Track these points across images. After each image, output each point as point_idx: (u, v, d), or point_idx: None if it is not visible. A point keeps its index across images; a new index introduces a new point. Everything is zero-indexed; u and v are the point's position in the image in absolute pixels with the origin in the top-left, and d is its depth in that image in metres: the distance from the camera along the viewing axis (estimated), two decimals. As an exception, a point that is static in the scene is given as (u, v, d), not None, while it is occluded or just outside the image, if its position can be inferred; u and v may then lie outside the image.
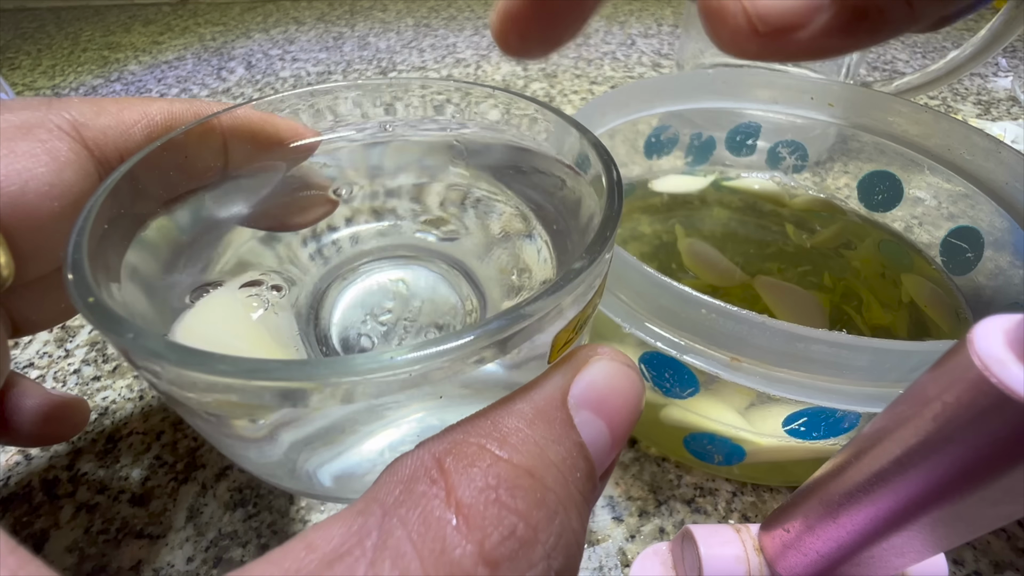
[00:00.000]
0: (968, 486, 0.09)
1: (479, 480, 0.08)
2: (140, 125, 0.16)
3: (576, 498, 0.09)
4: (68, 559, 0.18)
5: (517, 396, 0.10)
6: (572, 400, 0.10)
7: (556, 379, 0.10)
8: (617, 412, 0.10)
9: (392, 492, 0.08)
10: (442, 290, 0.18)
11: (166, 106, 0.16)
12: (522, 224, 0.18)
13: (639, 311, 0.17)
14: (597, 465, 0.10)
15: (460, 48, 0.59)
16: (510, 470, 0.08)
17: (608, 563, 0.18)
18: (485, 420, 0.09)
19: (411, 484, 0.08)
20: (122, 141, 0.15)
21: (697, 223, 0.27)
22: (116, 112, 0.15)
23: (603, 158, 0.14)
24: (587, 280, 0.11)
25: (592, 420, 0.10)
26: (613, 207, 0.12)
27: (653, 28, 0.64)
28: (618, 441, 0.10)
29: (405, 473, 0.08)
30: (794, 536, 0.13)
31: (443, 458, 0.08)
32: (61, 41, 0.66)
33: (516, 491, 0.08)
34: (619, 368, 0.10)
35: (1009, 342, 0.08)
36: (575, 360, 0.10)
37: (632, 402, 0.10)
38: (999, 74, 0.51)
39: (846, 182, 0.28)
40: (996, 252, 0.22)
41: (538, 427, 0.09)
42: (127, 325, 0.09)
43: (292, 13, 0.73)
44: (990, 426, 0.08)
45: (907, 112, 0.24)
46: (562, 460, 0.09)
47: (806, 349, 0.14)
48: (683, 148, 0.29)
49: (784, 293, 0.23)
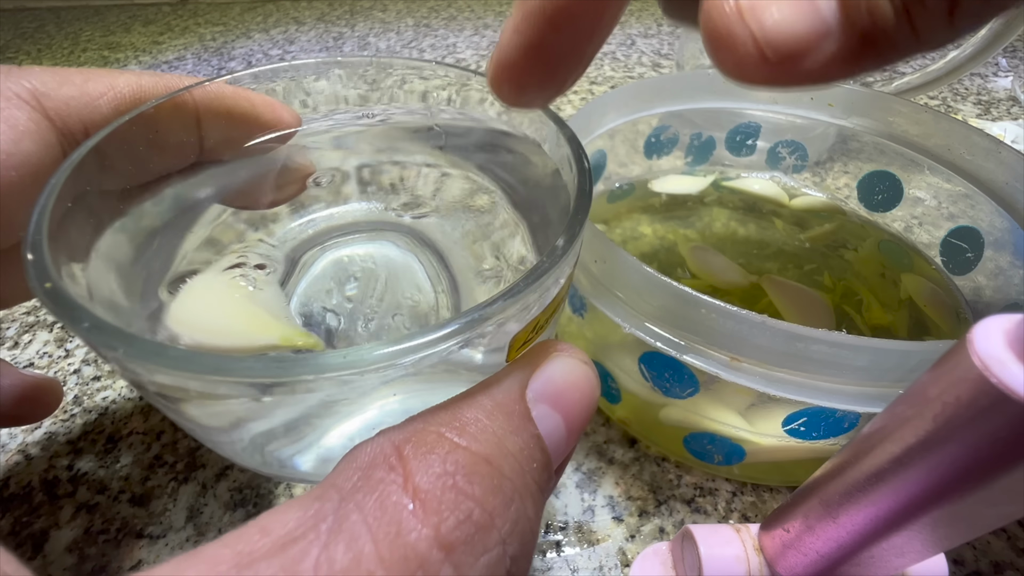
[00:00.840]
0: (968, 486, 0.09)
1: (437, 466, 0.08)
2: (107, 97, 0.15)
3: (532, 487, 0.09)
4: (68, 559, 0.18)
5: (477, 390, 0.10)
6: (530, 394, 0.10)
7: (516, 374, 0.10)
8: (573, 406, 0.10)
9: (350, 478, 0.08)
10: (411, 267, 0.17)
11: (134, 79, 0.16)
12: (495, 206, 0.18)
13: (639, 311, 0.17)
14: (553, 456, 0.10)
15: (460, 48, 0.59)
16: (468, 457, 0.08)
17: (608, 563, 0.18)
18: (445, 411, 0.09)
19: (369, 470, 0.08)
20: (87, 113, 0.15)
21: (697, 223, 0.27)
22: (81, 83, 0.15)
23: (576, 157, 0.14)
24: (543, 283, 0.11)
25: (549, 413, 0.10)
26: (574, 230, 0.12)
27: (653, 28, 0.64)
28: (573, 434, 0.10)
29: (364, 460, 0.08)
30: (794, 536, 0.13)
31: (402, 445, 0.08)
32: (61, 41, 0.66)
33: (473, 477, 0.08)
34: (576, 364, 0.11)
35: (1009, 342, 0.08)
36: (535, 356, 0.11)
37: (588, 397, 0.11)
38: (999, 74, 0.51)
39: (846, 182, 0.28)
40: (996, 252, 0.22)
41: (497, 418, 0.09)
42: (83, 314, 0.09)
43: (292, 13, 0.73)
44: (990, 426, 0.08)
45: (907, 112, 0.24)
46: (519, 450, 0.09)
47: (806, 349, 0.14)
48: (683, 148, 0.29)
49: (791, 292, 0.23)
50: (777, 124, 0.28)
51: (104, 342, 0.09)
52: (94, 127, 0.15)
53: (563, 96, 0.50)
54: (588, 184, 0.13)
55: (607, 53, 0.57)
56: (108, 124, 0.14)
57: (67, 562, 0.18)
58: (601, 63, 0.55)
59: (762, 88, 0.09)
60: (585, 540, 0.19)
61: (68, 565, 0.18)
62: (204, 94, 0.16)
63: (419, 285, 0.17)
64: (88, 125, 0.15)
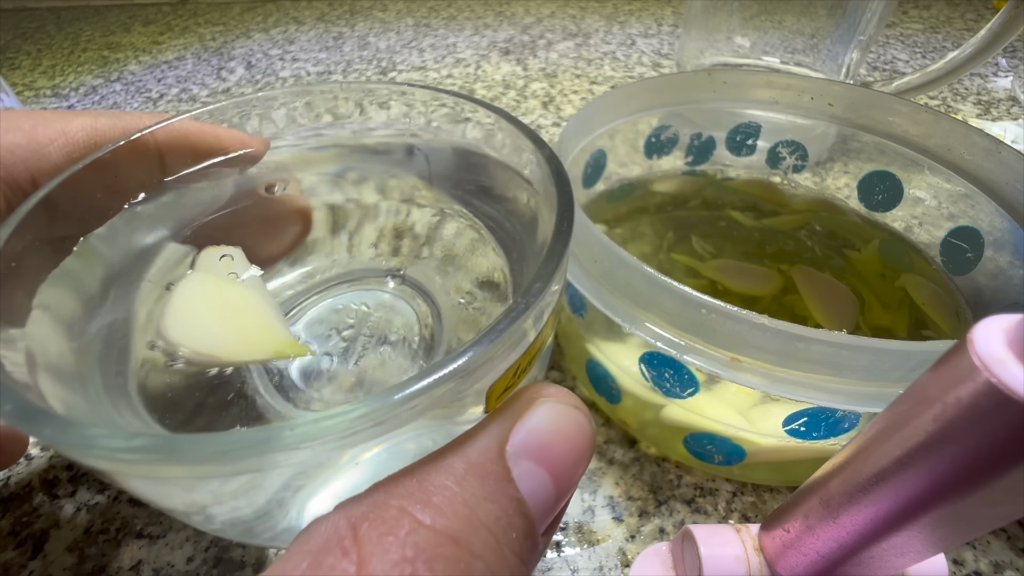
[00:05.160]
0: (968, 486, 0.09)
1: (394, 552, 0.07)
2: (57, 144, 0.14)
3: (511, 561, 0.08)
4: (68, 559, 0.18)
5: (449, 449, 0.09)
6: (511, 450, 0.09)
7: (493, 429, 0.09)
8: (562, 459, 0.09)
9: (299, 565, 0.07)
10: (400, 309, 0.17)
11: (89, 121, 0.15)
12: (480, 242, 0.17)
13: (639, 311, 0.17)
14: (538, 520, 0.09)
15: (460, 48, 0.59)
16: (431, 538, 0.08)
17: (608, 563, 0.18)
18: (411, 478, 0.08)
19: (320, 556, 0.07)
20: (35, 161, 0.14)
21: (697, 223, 0.27)
22: (29, 129, 0.14)
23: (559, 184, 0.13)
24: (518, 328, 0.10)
25: (533, 471, 0.09)
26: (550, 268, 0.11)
27: (653, 28, 0.64)
28: (564, 491, 0.09)
29: (317, 543, 0.08)
30: (794, 536, 0.13)
31: (359, 524, 0.08)
32: (61, 41, 0.66)
33: (436, 563, 0.07)
34: (565, 410, 0.09)
35: (1009, 342, 0.08)
36: (517, 405, 0.09)
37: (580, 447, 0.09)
38: (999, 74, 0.51)
39: (846, 182, 0.28)
40: (996, 252, 0.22)
41: (469, 484, 0.08)
42: (7, 396, 0.09)
43: (292, 13, 0.73)
44: (990, 426, 0.08)
45: (907, 112, 0.24)
46: (495, 520, 0.08)
47: (806, 349, 0.14)
48: (683, 148, 0.29)
49: (819, 283, 0.23)
50: (777, 124, 0.28)
51: (21, 423, 0.08)
52: (43, 175, 0.14)
53: (563, 95, 0.50)
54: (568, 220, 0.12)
55: (607, 53, 0.57)
56: (59, 172, 0.13)
57: (67, 562, 0.18)
58: (601, 63, 0.55)
59: None
60: (585, 540, 0.19)
61: (68, 565, 0.18)
62: (167, 133, 0.15)
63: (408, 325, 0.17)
64: (36, 174, 0.14)
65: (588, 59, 0.56)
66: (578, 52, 0.58)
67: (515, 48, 0.59)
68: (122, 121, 0.15)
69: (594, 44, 0.60)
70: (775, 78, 0.26)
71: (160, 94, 0.52)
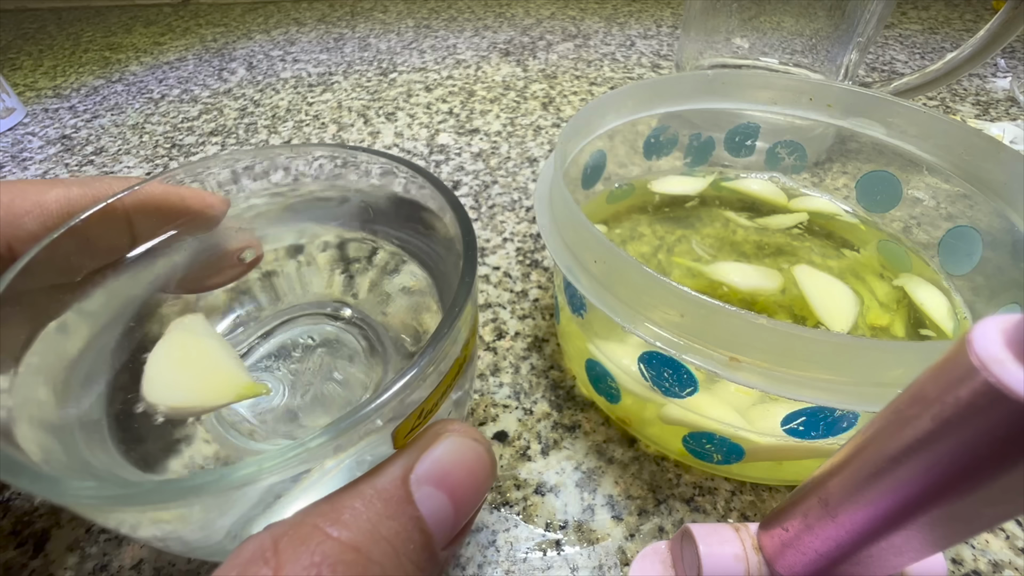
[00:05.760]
0: (966, 486, 0.09)
1: (305, 559, 0.09)
2: (32, 215, 0.15)
3: (408, 568, 0.10)
4: (70, 558, 0.18)
5: (363, 478, 0.10)
6: (415, 477, 0.10)
7: (401, 459, 0.11)
8: (460, 484, 0.11)
9: (229, 573, 0.09)
10: (346, 342, 0.19)
11: (63, 192, 0.16)
12: (419, 283, 0.19)
13: (638, 311, 0.17)
14: (437, 535, 0.10)
15: (460, 49, 0.59)
16: (336, 547, 0.09)
17: (607, 562, 0.18)
18: (327, 502, 0.10)
19: (246, 566, 0.09)
20: (11, 231, 0.15)
21: (696, 224, 0.27)
22: (7, 202, 0.15)
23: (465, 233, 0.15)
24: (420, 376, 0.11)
25: (433, 494, 0.10)
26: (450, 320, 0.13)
27: (652, 29, 0.64)
28: (462, 510, 0.11)
29: (245, 556, 0.09)
30: (793, 535, 0.13)
31: (280, 539, 0.09)
32: (62, 42, 0.66)
33: (338, 567, 0.09)
34: (465, 443, 0.11)
35: (1007, 342, 0.08)
36: (424, 439, 0.11)
37: (477, 473, 0.11)
38: (998, 75, 0.51)
39: (845, 182, 0.28)
40: (995, 252, 0.22)
41: (374, 504, 0.10)
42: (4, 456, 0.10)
43: (293, 14, 0.73)
44: (988, 426, 0.08)
45: (906, 113, 0.24)
46: (395, 534, 0.10)
47: (804, 349, 0.14)
48: (682, 149, 0.29)
49: (821, 281, 0.23)
50: (776, 125, 0.28)
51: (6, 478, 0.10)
52: (18, 242, 0.15)
53: (563, 96, 0.50)
54: (471, 272, 0.14)
55: (607, 54, 0.58)
56: (34, 240, 0.15)
57: (69, 561, 0.18)
58: (600, 64, 0.55)
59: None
60: (585, 539, 0.19)
61: (70, 564, 0.18)
62: (134, 197, 0.16)
63: (352, 357, 0.19)
64: (12, 241, 0.15)
65: (588, 60, 0.56)
66: (578, 53, 0.58)
67: (515, 49, 0.59)
68: (93, 189, 0.16)
69: (594, 45, 0.60)
70: (774, 79, 0.26)
71: (162, 95, 0.52)
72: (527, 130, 0.44)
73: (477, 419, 0.23)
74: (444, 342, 0.12)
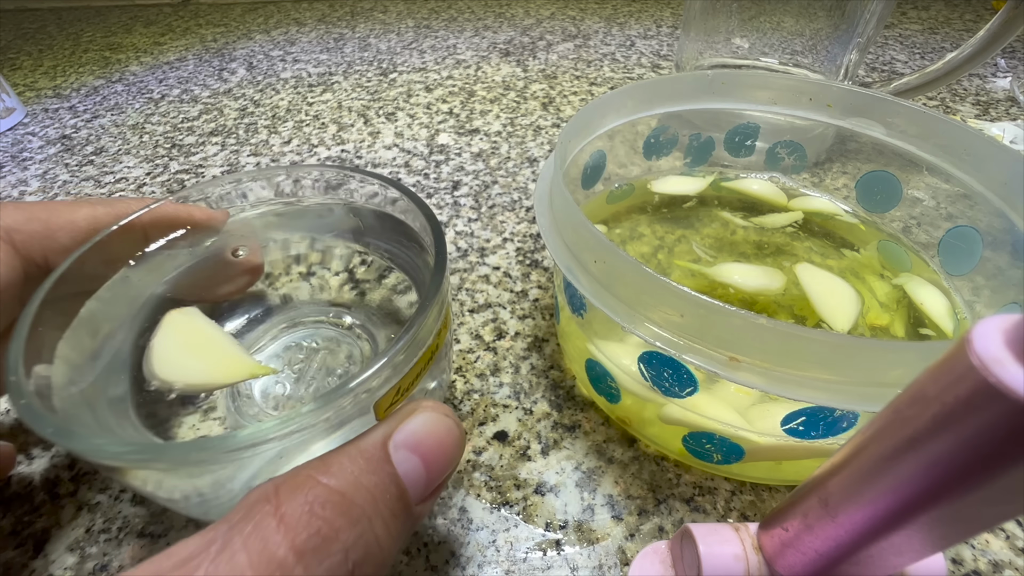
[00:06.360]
0: (967, 486, 0.09)
1: (300, 499, 0.11)
2: (65, 231, 0.18)
3: (383, 512, 0.12)
4: (70, 558, 0.18)
5: (350, 442, 0.12)
6: (393, 442, 0.12)
7: (382, 427, 0.13)
8: (431, 451, 0.13)
9: (238, 511, 0.11)
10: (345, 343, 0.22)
11: (90, 211, 0.19)
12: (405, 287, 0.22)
13: (638, 311, 0.17)
14: (412, 489, 0.12)
15: (460, 49, 0.60)
16: (325, 491, 0.11)
17: (607, 561, 0.18)
18: (320, 459, 0.12)
19: (252, 506, 0.11)
20: (47, 244, 0.18)
21: (696, 224, 0.27)
22: (45, 219, 0.18)
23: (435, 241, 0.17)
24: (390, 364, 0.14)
25: (408, 457, 0.12)
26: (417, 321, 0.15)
27: (652, 29, 0.64)
28: (433, 473, 0.13)
29: (251, 499, 0.11)
30: (793, 535, 0.13)
31: (280, 486, 0.11)
32: (62, 42, 0.66)
33: (327, 505, 0.11)
34: (437, 417, 0.13)
35: (1007, 342, 0.08)
36: (401, 413, 0.13)
37: (447, 443, 0.13)
38: (998, 75, 0.51)
39: (845, 182, 0.28)
40: (994, 252, 0.22)
41: (357, 461, 0.12)
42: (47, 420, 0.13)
43: (293, 14, 0.73)
44: (988, 426, 0.08)
45: (905, 113, 0.24)
46: (374, 485, 0.12)
47: (804, 349, 0.14)
48: (682, 149, 0.29)
49: (822, 280, 0.23)
50: (776, 125, 0.28)
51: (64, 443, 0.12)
52: (52, 253, 0.18)
53: (563, 96, 0.50)
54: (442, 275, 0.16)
55: (607, 54, 0.58)
56: (65, 251, 0.18)
57: (68, 561, 0.18)
58: (600, 64, 0.55)
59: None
60: (585, 539, 0.19)
61: (70, 564, 0.18)
62: (151, 215, 0.19)
63: (351, 357, 0.21)
64: (48, 253, 0.18)
65: (587, 60, 0.56)
66: (577, 53, 0.58)
67: (515, 49, 0.59)
68: (115, 208, 0.19)
69: (593, 45, 0.60)
70: (774, 79, 0.26)
71: (162, 95, 0.52)
72: (527, 130, 0.44)
73: (477, 419, 0.23)
74: (416, 330, 0.15)
